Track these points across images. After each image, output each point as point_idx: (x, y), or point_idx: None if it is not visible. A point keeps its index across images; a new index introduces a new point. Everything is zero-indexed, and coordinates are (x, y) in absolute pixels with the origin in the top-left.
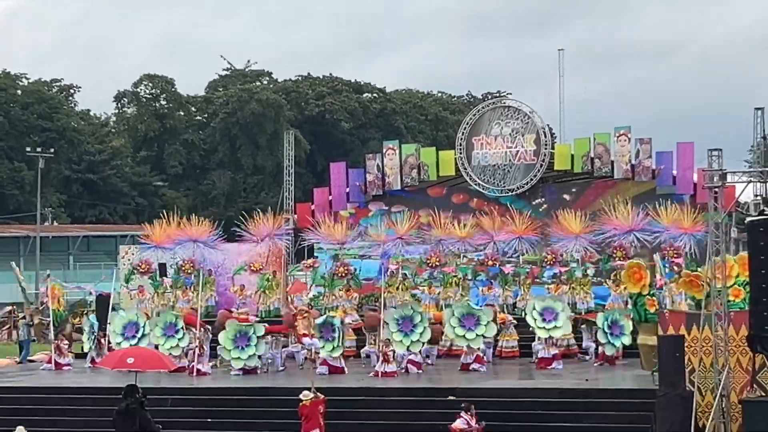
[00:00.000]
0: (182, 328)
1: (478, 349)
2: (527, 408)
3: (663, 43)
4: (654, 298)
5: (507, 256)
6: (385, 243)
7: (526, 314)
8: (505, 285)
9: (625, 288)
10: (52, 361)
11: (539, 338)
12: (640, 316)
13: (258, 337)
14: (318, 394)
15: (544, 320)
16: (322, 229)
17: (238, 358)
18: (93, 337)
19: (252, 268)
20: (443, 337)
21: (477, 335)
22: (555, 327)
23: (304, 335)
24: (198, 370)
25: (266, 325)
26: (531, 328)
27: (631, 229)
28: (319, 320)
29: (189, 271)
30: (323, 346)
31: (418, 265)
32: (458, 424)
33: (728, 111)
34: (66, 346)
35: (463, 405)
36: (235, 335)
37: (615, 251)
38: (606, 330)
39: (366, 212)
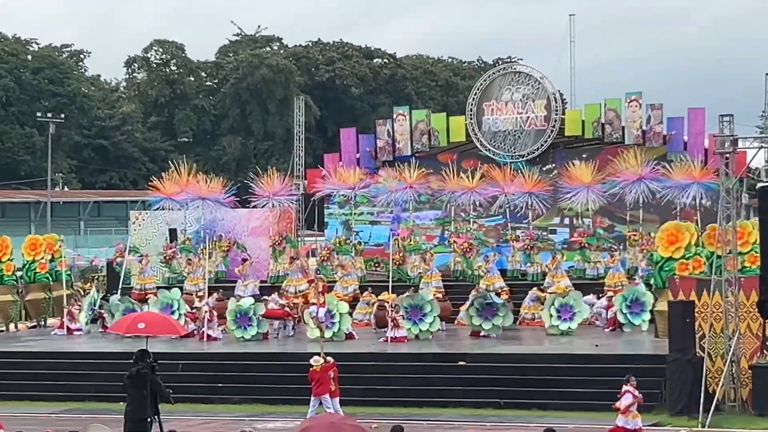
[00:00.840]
0: (180, 307)
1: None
2: (538, 374)
3: (675, 8)
4: (689, 261)
5: (517, 215)
6: (395, 191)
7: (543, 309)
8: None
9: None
10: (64, 327)
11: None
12: (662, 282)
13: (258, 317)
14: (328, 358)
15: (559, 317)
16: (333, 178)
17: (242, 337)
18: (92, 314)
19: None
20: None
21: (494, 325)
22: (569, 328)
23: (312, 303)
24: (208, 336)
25: (268, 307)
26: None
27: (641, 177)
28: (321, 312)
29: (189, 249)
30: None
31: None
32: (625, 401)
33: (740, 76)
34: (77, 311)
35: (625, 377)
36: (235, 315)
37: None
38: (624, 310)
39: (376, 177)
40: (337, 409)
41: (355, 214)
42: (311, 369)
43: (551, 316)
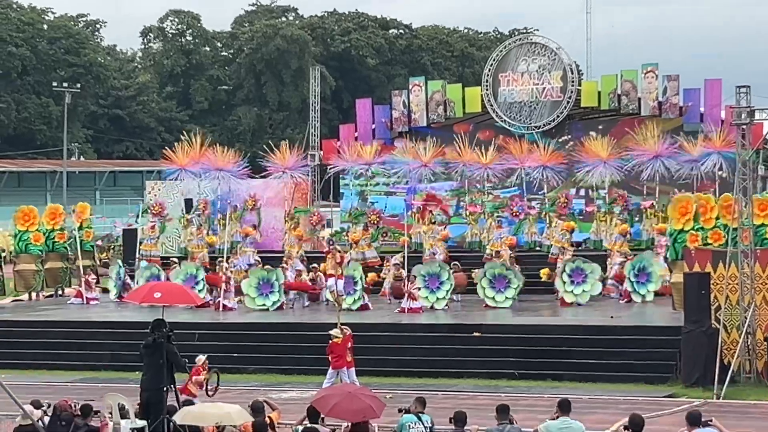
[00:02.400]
0: (203, 279)
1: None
2: (552, 345)
3: None
4: (698, 233)
5: (533, 186)
6: (411, 169)
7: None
8: (530, 225)
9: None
10: (82, 295)
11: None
12: (677, 254)
13: (280, 284)
14: (345, 330)
15: (572, 282)
16: (348, 154)
17: (263, 305)
18: (119, 284)
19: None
20: None
21: (506, 298)
22: (583, 291)
23: (330, 275)
24: (224, 306)
25: (288, 281)
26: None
27: (658, 154)
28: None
29: (204, 209)
30: (263, 303)
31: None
32: None
33: (757, 48)
34: (94, 281)
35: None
36: (258, 282)
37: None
38: (633, 279)
39: (391, 149)
40: (354, 380)
41: (370, 184)
42: (331, 341)
43: (564, 282)
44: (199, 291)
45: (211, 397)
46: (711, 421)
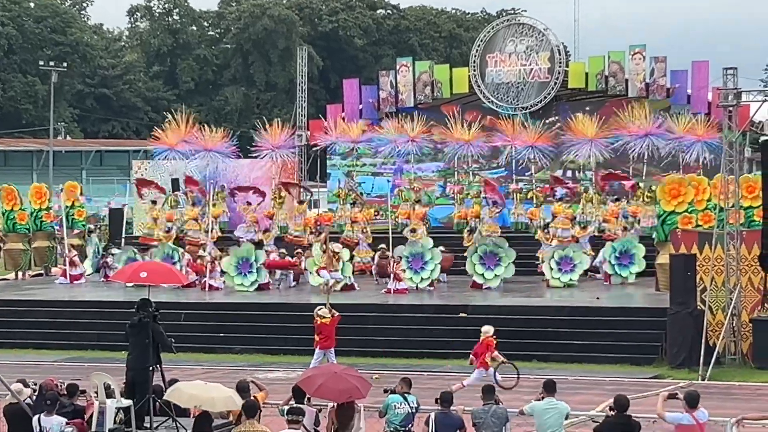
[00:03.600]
0: (180, 259)
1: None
2: (538, 326)
3: None
4: (691, 215)
5: (520, 167)
6: (398, 145)
7: (543, 261)
8: (517, 203)
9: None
10: (66, 275)
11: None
12: (665, 235)
13: (260, 264)
14: (333, 312)
15: (560, 270)
16: (334, 131)
17: (241, 284)
18: (96, 260)
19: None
20: None
21: (496, 275)
22: (570, 280)
23: (323, 268)
24: (210, 285)
25: (270, 259)
26: (545, 279)
27: (648, 133)
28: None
29: (192, 190)
30: (241, 282)
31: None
32: None
33: (744, 30)
34: (77, 258)
35: None
36: (237, 262)
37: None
38: (613, 261)
39: (379, 129)
40: (332, 361)
41: (357, 165)
42: (321, 322)
43: (551, 269)
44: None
45: None
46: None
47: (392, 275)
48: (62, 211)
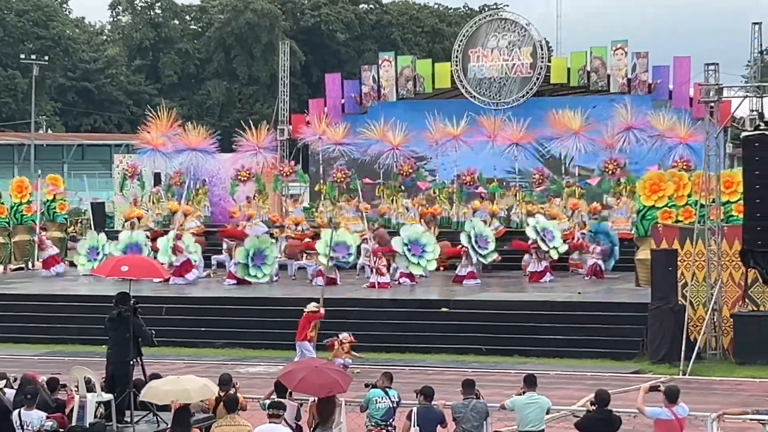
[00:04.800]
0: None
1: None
2: (520, 320)
3: None
4: (671, 210)
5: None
6: (381, 152)
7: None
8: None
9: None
10: (49, 267)
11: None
12: (645, 230)
13: (273, 258)
14: (320, 309)
15: (544, 242)
16: (317, 126)
17: (255, 276)
18: (100, 257)
19: (240, 178)
20: None
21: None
22: (554, 248)
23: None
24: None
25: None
26: (530, 241)
27: (630, 126)
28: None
29: (179, 182)
30: (255, 274)
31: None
32: None
33: (725, 25)
34: (47, 240)
35: None
36: (248, 253)
37: (608, 165)
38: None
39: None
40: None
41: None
42: (314, 313)
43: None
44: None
45: None
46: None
47: (374, 270)
48: (38, 203)
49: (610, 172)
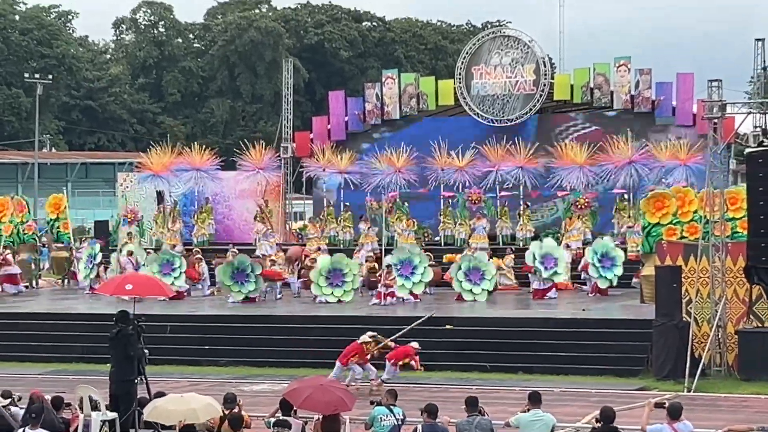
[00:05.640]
0: (180, 266)
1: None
2: (524, 337)
3: None
4: (677, 226)
5: (506, 184)
6: (384, 177)
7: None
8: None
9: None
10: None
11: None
12: (650, 247)
13: (256, 275)
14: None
15: (545, 268)
16: (323, 158)
17: (239, 291)
18: (92, 266)
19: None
20: None
21: (483, 290)
22: (555, 273)
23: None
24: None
25: (264, 268)
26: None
27: (631, 160)
28: (325, 264)
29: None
30: (332, 293)
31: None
32: None
33: (729, 42)
34: (10, 257)
35: None
36: (233, 271)
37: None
38: (596, 264)
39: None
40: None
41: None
42: (366, 344)
43: (460, 281)
44: (176, 278)
45: None
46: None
47: (381, 283)
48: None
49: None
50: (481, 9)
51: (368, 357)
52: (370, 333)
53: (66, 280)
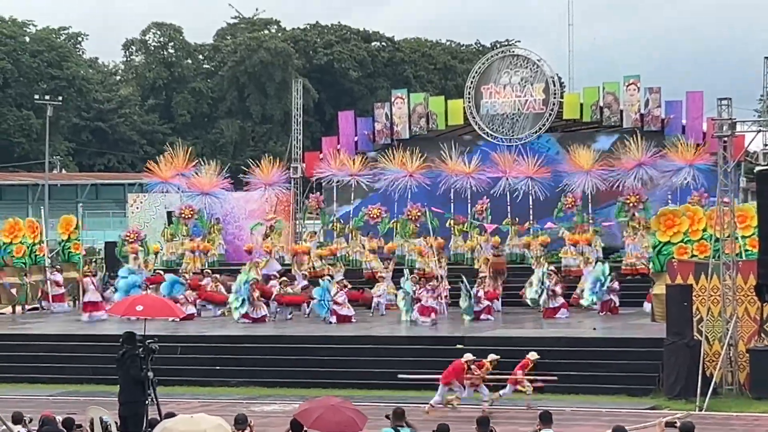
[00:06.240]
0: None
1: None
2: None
3: None
4: (687, 245)
5: (515, 194)
6: (396, 179)
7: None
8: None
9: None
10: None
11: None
12: (661, 266)
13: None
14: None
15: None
16: (333, 163)
17: (236, 308)
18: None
19: (266, 219)
20: None
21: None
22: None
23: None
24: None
25: (283, 294)
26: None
27: (641, 163)
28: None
29: (187, 216)
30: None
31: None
32: None
33: (738, 60)
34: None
35: None
36: (238, 287)
37: (628, 198)
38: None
39: (378, 163)
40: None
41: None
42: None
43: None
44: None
45: None
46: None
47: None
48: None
49: (631, 204)
50: (489, 28)
51: (470, 377)
52: (469, 354)
53: (76, 301)
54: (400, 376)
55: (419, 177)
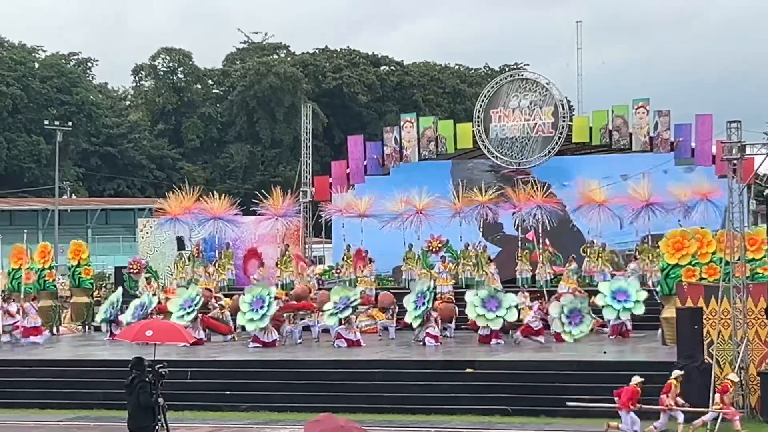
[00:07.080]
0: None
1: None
2: (546, 380)
3: (681, 13)
4: (696, 268)
5: (526, 224)
6: (405, 218)
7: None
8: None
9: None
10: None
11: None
12: (669, 288)
13: (271, 298)
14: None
15: (570, 323)
16: (341, 202)
17: (252, 320)
18: (111, 313)
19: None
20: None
21: (497, 316)
22: (580, 332)
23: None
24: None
25: (288, 301)
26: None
27: (648, 203)
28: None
29: (197, 254)
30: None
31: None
32: None
33: (748, 82)
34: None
35: None
36: (252, 299)
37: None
38: (564, 320)
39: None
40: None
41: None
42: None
43: (563, 324)
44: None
45: None
46: None
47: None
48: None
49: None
50: (498, 52)
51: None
52: (637, 376)
53: (86, 327)
54: (569, 404)
55: (428, 216)
